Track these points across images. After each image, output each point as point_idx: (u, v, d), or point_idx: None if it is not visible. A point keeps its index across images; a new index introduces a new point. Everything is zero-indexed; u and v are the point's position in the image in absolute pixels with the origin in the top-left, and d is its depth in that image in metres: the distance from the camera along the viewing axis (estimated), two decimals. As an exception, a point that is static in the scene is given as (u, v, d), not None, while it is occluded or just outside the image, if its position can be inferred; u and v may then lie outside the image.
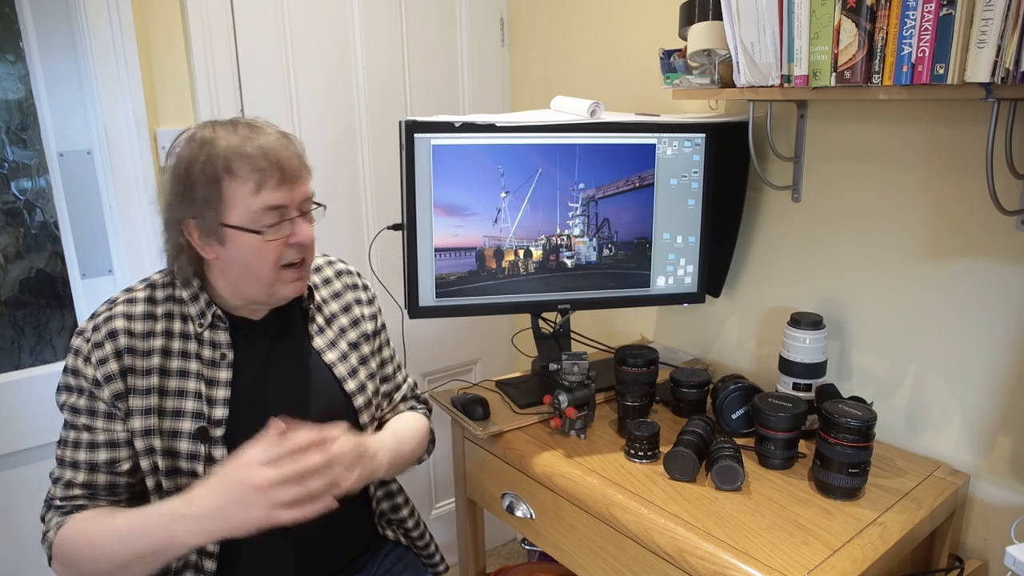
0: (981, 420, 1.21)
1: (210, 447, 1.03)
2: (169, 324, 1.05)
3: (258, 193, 0.98)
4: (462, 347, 2.15)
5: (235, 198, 0.98)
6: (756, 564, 0.96)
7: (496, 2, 2.00)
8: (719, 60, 1.26)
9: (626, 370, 1.36)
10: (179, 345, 1.05)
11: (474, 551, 1.56)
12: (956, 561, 1.22)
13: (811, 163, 1.38)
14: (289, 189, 1.00)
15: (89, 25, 1.42)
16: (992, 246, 1.16)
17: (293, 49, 1.68)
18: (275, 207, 1.00)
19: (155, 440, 1.02)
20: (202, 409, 1.04)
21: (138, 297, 1.06)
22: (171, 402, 1.03)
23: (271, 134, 1.02)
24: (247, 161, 0.97)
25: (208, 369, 1.06)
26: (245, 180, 0.97)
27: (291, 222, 1.02)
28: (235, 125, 1.01)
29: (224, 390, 1.05)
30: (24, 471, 1.51)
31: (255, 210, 0.98)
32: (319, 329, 1.17)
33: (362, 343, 1.20)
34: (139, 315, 1.04)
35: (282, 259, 1.02)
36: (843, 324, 1.38)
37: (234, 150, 0.97)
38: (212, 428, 1.04)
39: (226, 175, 0.97)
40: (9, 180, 1.49)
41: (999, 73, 0.90)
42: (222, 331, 1.07)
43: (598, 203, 1.43)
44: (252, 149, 0.98)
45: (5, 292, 1.52)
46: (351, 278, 1.25)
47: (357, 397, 1.16)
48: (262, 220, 0.99)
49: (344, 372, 1.16)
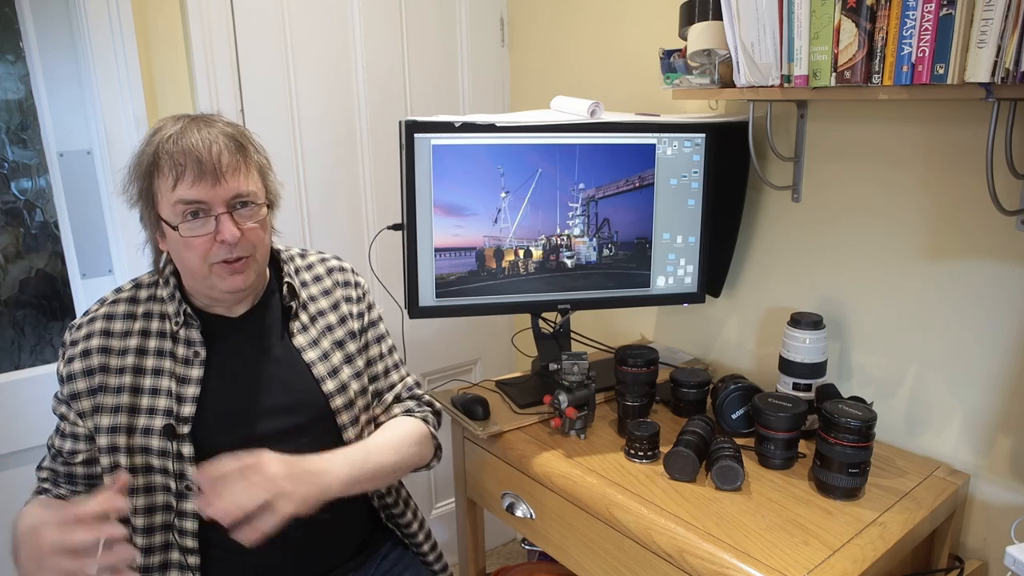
0: (981, 420, 1.21)
1: (178, 444, 1.04)
2: (147, 323, 1.09)
3: (174, 189, 0.98)
4: (462, 347, 2.15)
5: (160, 192, 1.00)
6: (756, 564, 0.96)
7: (496, 2, 2.00)
8: (719, 60, 1.26)
9: (626, 370, 1.36)
10: (155, 344, 1.08)
11: (474, 551, 1.56)
12: (956, 561, 1.22)
13: (811, 163, 1.38)
14: (209, 186, 0.98)
15: (89, 25, 1.42)
16: (992, 246, 1.16)
17: (293, 49, 1.68)
18: (190, 203, 0.99)
19: (120, 438, 1.04)
20: (172, 406, 1.05)
21: (122, 297, 1.11)
22: (145, 400, 1.05)
23: (211, 130, 1.00)
24: (167, 157, 0.98)
25: (181, 367, 1.07)
26: (166, 176, 0.99)
27: (216, 219, 1.00)
28: (190, 122, 1.01)
29: (194, 388, 1.06)
30: (24, 471, 1.50)
31: (172, 205, 0.99)
32: (302, 327, 1.16)
33: (347, 341, 1.19)
34: (120, 315, 1.08)
35: (210, 257, 1.01)
36: (843, 324, 1.38)
37: (162, 146, 0.98)
38: (179, 425, 1.04)
39: (155, 170, 1.00)
40: (9, 180, 1.49)
41: (999, 73, 0.90)
42: (195, 329, 1.08)
43: (598, 203, 1.43)
44: (173, 146, 0.98)
45: (5, 292, 1.52)
46: (343, 275, 1.24)
47: (336, 398, 1.14)
48: (179, 216, 1.00)
49: (324, 371, 1.14)
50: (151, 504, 1.06)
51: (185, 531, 1.06)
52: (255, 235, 1.04)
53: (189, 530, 1.06)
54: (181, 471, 1.05)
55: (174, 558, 1.07)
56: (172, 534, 1.07)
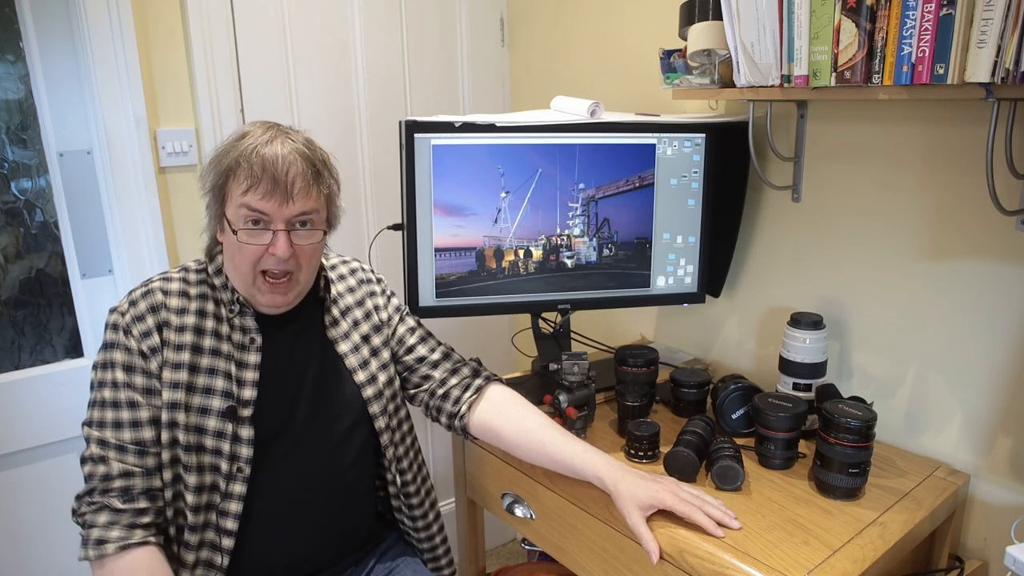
0: (981, 420, 1.21)
1: (237, 426, 1.07)
2: (203, 304, 1.10)
3: (244, 196, 1.02)
4: (462, 347, 2.12)
5: (231, 195, 1.04)
6: (756, 564, 0.95)
7: (496, 2, 2.00)
8: (719, 60, 1.26)
9: (626, 370, 1.36)
10: (212, 325, 1.09)
11: (474, 551, 1.56)
12: (956, 561, 1.22)
13: (811, 163, 1.38)
14: (276, 204, 1.02)
15: (89, 25, 1.42)
16: (992, 246, 1.16)
17: (293, 49, 1.68)
18: (254, 211, 1.02)
19: (179, 414, 1.05)
20: (231, 389, 1.07)
21: (173, 276, 1.11)
22: (202, 379, 1.07)
23: (293, 147, 1.04)
24: (246, 164, 1.02)
25: (238, 351, 1.10)
26: (241, 181, 1.02)
27: (272, 233, 1.03)
28: (276, 131, 1.05)
29: (253, 372, 1.09)
30: (24, 471, 1.51)
31: (238, 207, 1.03)
32: (333, 321, 1.19)
33: (373, 335, 1.22)
34: (174, 291, 1.09)
35: (260, 264, 1.05)
36: (843, 324, 1.38)
37: (245, 153, 1.02)
38: (241, 408, 1.07)
39: (232, 173, 1.03)
40: (9, 180, 1.49)
41: (999, 73, 0.90)
42: (250, 317, 1.11)
43: (598, 203, 1.43)
44: (255, 156, 1.01)
45: (5, 292, 1.52)
46: (364, 274, 1.27)
47: (366, 388, 1.18)
48: (242, 221, 1.03)
49: (355, 363, 1.19)
50: (201, 483, 1.07)
51: (228, 512, 1.08)
52: (304, 254, 1.07)
53: (232, 512, 1.08)
54: (235, 453, 1.07)
55: (208, 537, 1.08)
56: (214, 514, 1.08)
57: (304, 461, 1.12)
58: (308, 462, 1.13)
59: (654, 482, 1.04)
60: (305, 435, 1.13)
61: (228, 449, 1.06)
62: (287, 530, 1.13)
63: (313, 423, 1.13)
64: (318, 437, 1.14)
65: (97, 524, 1.00)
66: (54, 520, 1.55)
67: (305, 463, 1.13)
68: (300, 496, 1.12)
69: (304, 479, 1.13)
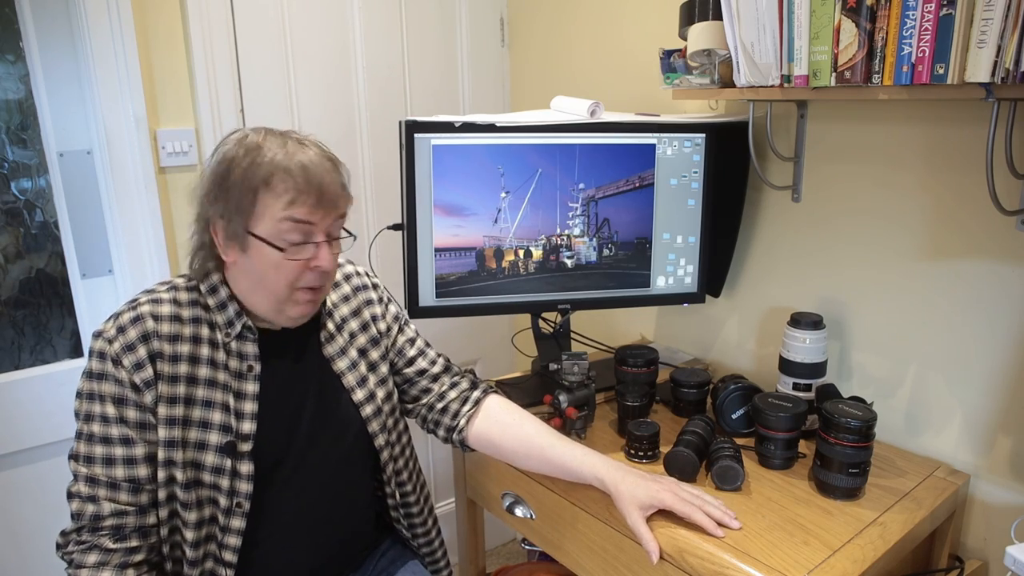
0: (981, 420, 1.21)
1: (236, 462, 1.02)
2: (196, 329, 1.02)
3: (288, 208, 0.96)
4: (462, 347, 2.15)
5: (267, 210, 0.96)
6: (756, 564, 0.95)
7: (496, 2, 2.00)
8: (719, 60, 1.26)
9: (626, 370, 1.36)
10: (207, 352, 1.02)
11: (474, 551, 1.56)
12: (956, 561, 1.22)
13: (811, 163, 1.38)
14: (323, 214, 0.98)
15: (89, 25, 1.42)
16: (992, 246, 1.16)
17: (293, 49, 1.68)
18: (302, 227, 0.97)
19: (176, 453, 0.99)
20: (229, 422, 1.02)
21: (162, 297, 1.02)
22: (198, 412, 1.01)
23: (311, 152, 0.99)
24: (288, 177, 0.95)
25: (235, 381, 1.03)
26: (280, 195, 0.95)
27: (315, 246, 0.99)
28: (286, 138, 0.99)
29: (251, 403, 1.03)
30: (23, 471, 1.51)
31: (283, 227, 0.96)
32: (329, 336, 1.13)
33: (370, 348, 1.18)
34: (165, 316, 1.00)
35: (299, 281, 1.00)
36: (843, 324, 1.38)
37: (278, 164, 0.95)
38: (240, 443, 1.02)
39: (263, 186, 0.95)
40: (9, 180, 1.49)
41: (999, 73, 0.90)
42: (250, 342, 1.04)
43: (598, 203, 1.43)
44: (295, 167, 0.95)
45: (5, 292, 1.52)
46: (360, 279, 1.22)
47: (365, 407, 1.15)
48: (287, 238, 0.97)
49: (353, 381, 1.14)
50: (200, 519, 1.03)
51: (227, 546, 1.05)
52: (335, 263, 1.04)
53: (232, 545, 1.05)
54: (235, 488, 1.02)
55: (208, 567, 1.06)
56: (213, 546, 1.05)
57: (304, 486, 1.10)
58: (308, 486, 1.10)
59: (654, 482, 1.04)
60: (304, 461, 1.09)
61: (227, 485, 1.01)
62: (287, 550, 1.11)
63: (313, 448, 1.10)
64: (318, 461, 1.10)
65: (86, 565, 0.95)
66: (54, 520, 1.55)
67: (305, 488, 1.10)
68: (300, 519, 1.10)
69: (304, 502, 1.10)
